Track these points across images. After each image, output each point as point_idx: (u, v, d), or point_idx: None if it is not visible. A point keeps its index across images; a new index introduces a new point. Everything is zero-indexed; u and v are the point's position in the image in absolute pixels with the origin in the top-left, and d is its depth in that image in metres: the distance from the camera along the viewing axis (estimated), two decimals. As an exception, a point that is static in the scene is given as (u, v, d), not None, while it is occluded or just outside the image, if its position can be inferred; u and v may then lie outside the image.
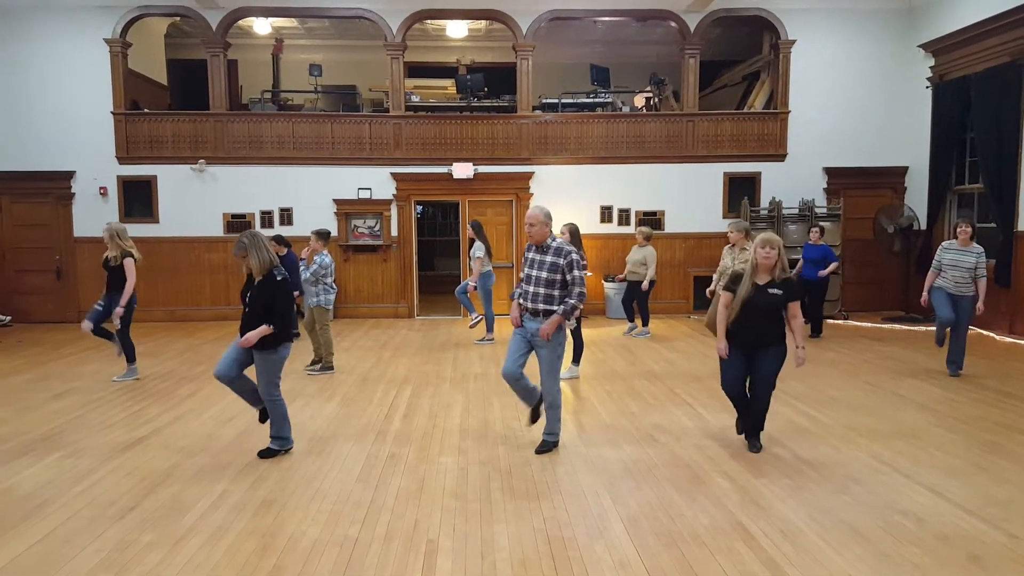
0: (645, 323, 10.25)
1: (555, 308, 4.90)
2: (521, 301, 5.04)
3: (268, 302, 4.78)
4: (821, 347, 9.10)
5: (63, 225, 11.71)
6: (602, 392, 6.90)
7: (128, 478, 4.64)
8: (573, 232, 7.32)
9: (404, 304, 12.25)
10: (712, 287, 8.15)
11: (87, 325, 7.27)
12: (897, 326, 10.69)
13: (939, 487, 4.43)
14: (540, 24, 11.93)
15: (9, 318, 11.12)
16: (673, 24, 12.15)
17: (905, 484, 4.49)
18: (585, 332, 10.43)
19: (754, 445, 5.08)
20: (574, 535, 3.80)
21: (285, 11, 12.08)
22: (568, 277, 4.93)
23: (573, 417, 6.05)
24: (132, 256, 7.29)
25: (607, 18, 12.71)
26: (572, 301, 4.91)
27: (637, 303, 10.23)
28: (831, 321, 11.23)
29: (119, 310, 7.17)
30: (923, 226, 11.46)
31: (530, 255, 5.06)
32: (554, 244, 4.98)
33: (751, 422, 5.11)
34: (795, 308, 4.87)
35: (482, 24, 13.82)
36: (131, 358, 7.56)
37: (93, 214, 11.64)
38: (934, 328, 7.75)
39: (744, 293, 4.79)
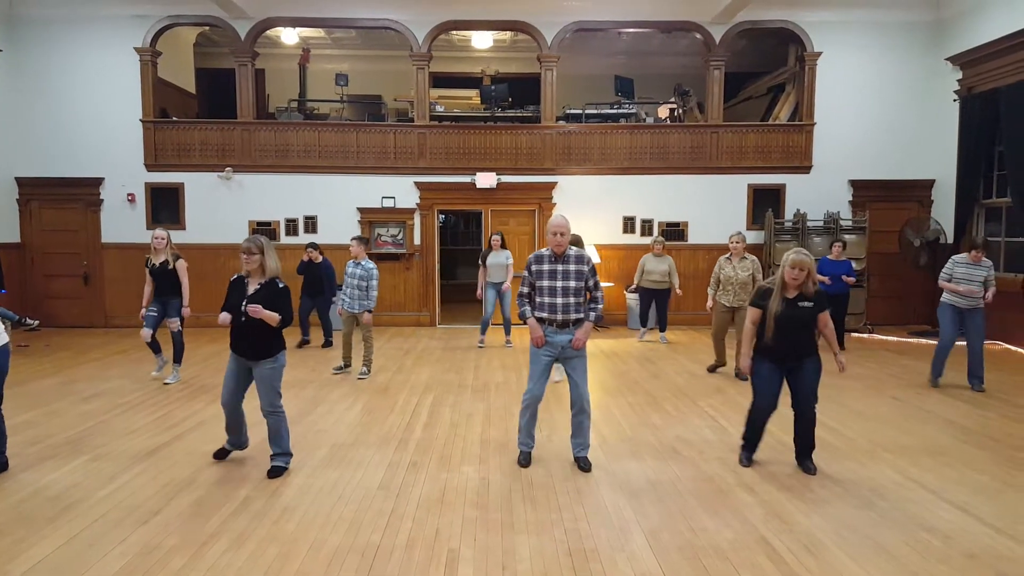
0: (664, 328, 10.63)
1: (582, 316, 4.88)
2: (546, 315, 4.85)
3: (276, 307, 4.71)
4: (846, 360, 8.98)
5: (91, 231, 11.90)
6: (624, 404, 6.87)
7: (152, 482, 4.69)
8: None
9: (426, 312, 12.29)
10: (710, 302, 8.42)
11: (148, 333, 7.56)
12: (923, 340, 10.53)
13: (967, 504, 4.36)
14: (565, 35, 11.97)
15: (37, 322, 11.29)
16: (698, 36, 12.14)
17: (932, 501, 4.42)
18: (607, 343, 10.47)
19: (809, 467, 4.90)
20: (596, 547, 3.77)
21: (312, 21, 12.21)
22: (591, 283, 4.89)
23: (595, 429, 6.02)
24: (182, 259, 7.76)
25: (632, 29, 12.70)
26: (601, 306, 4.95)
27: (661, 310, 10.50)
28: (856, 335, 11.12)
29: (187, 311, 7.62)
30: (950, 240, 11.30)
31: (546, 266, 4.84)
32: (572, 252, 4.89)
33: (802, 443, 4.95)
34: (825, 317, 4.81)
35: (507, 35, 13.90)
36: (180, 359, 7.89)
37: (121, 220, 11.86)
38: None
39: (776, 308, 4.73)
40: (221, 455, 5.15)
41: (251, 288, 4.78)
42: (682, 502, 4.39)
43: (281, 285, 4.82)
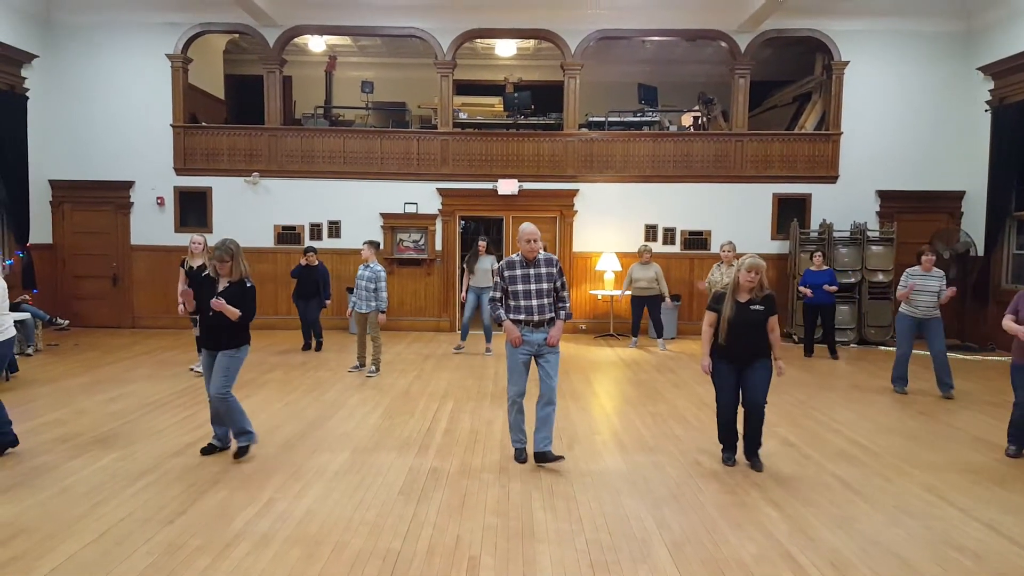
0: (660, 334, 10.77)
1: (553, 315, 5.16)
2: (523, 317, 5.10)
3: (241, 303, 5.11)
4: (872, 375, 8.90)
5: (121, 233, 12.10)
6: (646, 414, 6.83)
7: (178, 482, 4.74)
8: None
9: (446, 318, 12.32)
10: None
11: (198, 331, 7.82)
12: (952, 355, 10.34)
13: (996, 523, 4.28)
14: (588, 43, 11.99)
15: (67, 322, 11.45)
16: (723, 44, 12.09)
17: (960, 519, 4.35)
18: (627, 352, 10.43)
19: (756, 464, 5.17)
20: (617, 559, 3.76)
21: (339, 29, 12.35)
22: (559, 283, 5.19)
23: (615, 439, 6.01)
24: None
25: (656, 38, 12.68)
26: (568, 305, 5.24)
27: (655, 317, 10.67)
28: (884, 348, 10.98)
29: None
30: (980, 252, 11.14)
31: (519, 271, 5.13)
32: (542, 256, 5.18)
33: (749, 439, 5.21)
34: (773, 322, 5.09)
35: (531, 43, 13.93)
36: None
37: (150, 223, 12.05)
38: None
39: (729, 312, 5.04)
40: (209, 451, 5.34)
41: (220, 286, 5.19)
42: (704, 514, 4.36)
43: (249, 284, 5.24)
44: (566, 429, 6.18)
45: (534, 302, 5.10)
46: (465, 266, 10.02)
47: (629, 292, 10.73)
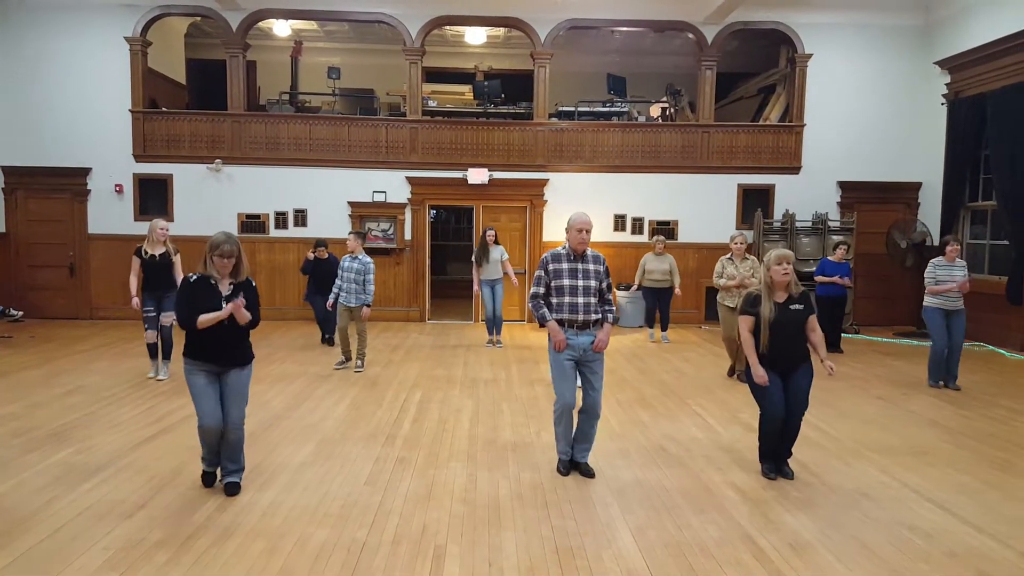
0: (665, 327, 10.60)
1: (599, 317, 4.72)
2: (567, 316, 4.65)
3: (254, 308, 4.39)
4: (834, 360, 9.05)
5: (78, 222, 11.80)
6: (612, 401, 6.88)
7: (137, 476, 4.66)
8: None
9: (416, 308, 12.27)
10: (733, 282, 7.78)
11: (152, 335, 7.42)
12: (909, 341, 10.61)
13: (949, 504, 4.41)
14: (558, 32, 11.97)
15: (21, 313, 11.19)
16: (690, 36, 12.17)
17: (915, 500, 4.46)
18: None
19: (787, 472, 4.83)
20: (582, 544, 3.79)
21: (305, 14, 12.16)
22: (606, 283, 4.78)
23: (582, 425, 6.04)
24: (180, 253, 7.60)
25: (625, 28, 12.72)
26: (615, 308, 4.87)
27: (663, 309, 10.52)
28: (845, 336, 11.16)
29: None
30: (936, 242, 11.39)
31: (565, 265, 4.66)
32: (589, 251, 4.74)
33: (785, 447, 4.86)
34: (813, 321, 4.74)
35: (500, 31, 13.87)
36: (169, 355, 7.55)
37: (108, 211, 11.77)
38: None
39: (769, 315, 4.61)
40: (211, 481, 4.52)
41: (224, 289, 4.33)
42: (669, 500, 4.41)
43: (253, 284, 4.50)
44: (535, 417, 6.20)
45: (580, 300, 4.63)
46: (474, 260, 9.88)
47: (639, 284, 10.54)
